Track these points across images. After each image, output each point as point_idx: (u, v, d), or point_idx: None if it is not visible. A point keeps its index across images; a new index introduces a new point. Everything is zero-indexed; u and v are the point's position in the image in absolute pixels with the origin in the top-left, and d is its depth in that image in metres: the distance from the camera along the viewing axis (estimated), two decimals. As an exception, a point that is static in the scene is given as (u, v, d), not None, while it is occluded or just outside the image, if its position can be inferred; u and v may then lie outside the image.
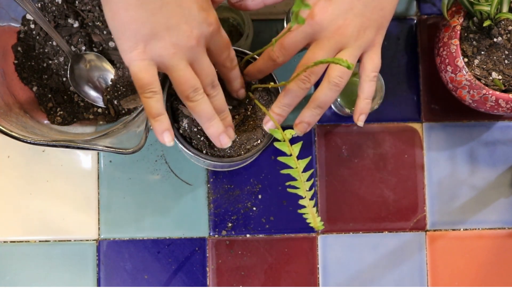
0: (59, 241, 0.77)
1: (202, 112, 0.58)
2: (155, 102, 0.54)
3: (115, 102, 0.74)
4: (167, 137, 0.56)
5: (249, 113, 0.66)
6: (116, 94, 0.73)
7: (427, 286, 0.78)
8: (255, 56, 0.65)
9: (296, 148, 0.60)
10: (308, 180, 0.59)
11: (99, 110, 0.75)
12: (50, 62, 0.75)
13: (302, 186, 0.59)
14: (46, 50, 0.75)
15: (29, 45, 0.75)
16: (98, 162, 0.78)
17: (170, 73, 0.55)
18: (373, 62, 0.63)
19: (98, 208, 0.77)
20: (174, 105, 0.65)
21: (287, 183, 0.60)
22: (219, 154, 0.66)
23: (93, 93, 0.74)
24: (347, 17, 0.60)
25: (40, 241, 0.77)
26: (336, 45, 0.60)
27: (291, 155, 0.59)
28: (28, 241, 0.77)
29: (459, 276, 0.79)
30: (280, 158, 0.60)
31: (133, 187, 0.78)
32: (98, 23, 0.75)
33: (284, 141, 0.60)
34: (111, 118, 0.75)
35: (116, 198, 0.77)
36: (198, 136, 0.65)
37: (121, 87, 0.73)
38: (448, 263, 0.79)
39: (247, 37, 0.73)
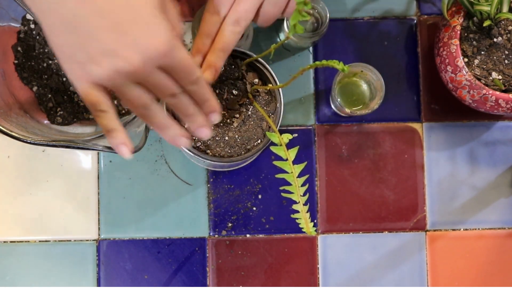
0: (59, 241, 0.77)
1: (155, 124, 0.55)
2: (107, 120, 0.53)
3: (115, 102, 0.74)
4: (124, 150, 0.54)
5: (249, 113, 0.66)
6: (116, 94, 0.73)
7: (427, 286, 0.78)
8: (259, 59, 0.65)
9: (292, 153, 0.60)
10: (303, 185, 0.59)
11: (99, 110, 0.75)
12: (50, 62, 0.75)
13: (297, 191, 0.59)
14: (46, 50, 0.75)
15: (29, 45, 0.75)
16: (98, 162, 0.78)
17: (116, 94, 0.53)
18: None
19: (98, 208, 0.77)
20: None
21: (281, 188, 0.60)
22: (219, 154, 0.66)
23: (93, 93, 0.74)
24: None
25: (40, 241, 0.77)
26: None
27: (287, 159, 0.59)
28: (28, 241, 0.77)
29: (459, 276, 0.79)
30: (276, 163, 0.60)
31: (133, 187, 0.78)
32: (98, 23, 0.74)
33: (280, 145, 0.60)
34: (111, 118, 0.74)
35: (116, 198, 0.77)
36: (198, 136, 0.65)
37: (121, 87, 0.73)
38: (448, 263, 0.79)
39: (247, 37, 0.73)
